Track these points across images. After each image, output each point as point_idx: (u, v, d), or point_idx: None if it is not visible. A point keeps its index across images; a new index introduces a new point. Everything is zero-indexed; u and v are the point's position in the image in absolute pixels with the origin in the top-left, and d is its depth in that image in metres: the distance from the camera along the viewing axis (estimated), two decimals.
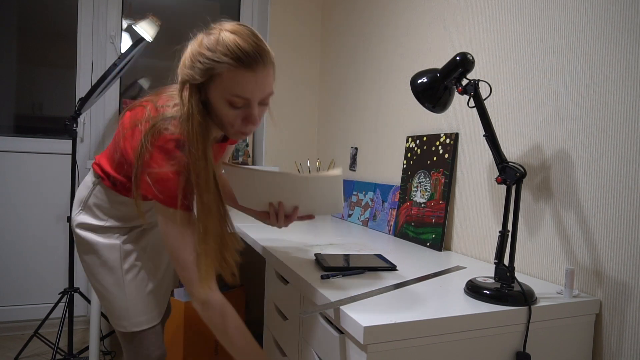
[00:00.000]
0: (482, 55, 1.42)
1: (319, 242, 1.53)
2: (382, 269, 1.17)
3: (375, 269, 1.16)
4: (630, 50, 0.98)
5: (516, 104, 1.29)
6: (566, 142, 1.13)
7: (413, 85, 1.15)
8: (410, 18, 1.83)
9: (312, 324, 1.04)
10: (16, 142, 2.37)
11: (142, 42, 2.08)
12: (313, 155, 2.80)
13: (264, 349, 1.47)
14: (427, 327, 0.82)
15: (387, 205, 1.86)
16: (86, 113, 2.45)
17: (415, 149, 1.71)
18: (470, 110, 1.47)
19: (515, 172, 0.98)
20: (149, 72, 2.67)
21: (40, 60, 2.49)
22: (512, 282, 0.97)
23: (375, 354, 0.79)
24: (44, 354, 2.18)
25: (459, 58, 1.06)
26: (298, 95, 2.76)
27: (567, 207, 1.12)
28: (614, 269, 1.00)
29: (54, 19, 2.51)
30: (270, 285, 1.40)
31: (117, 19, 2.50)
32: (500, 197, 1.33)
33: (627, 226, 0.98)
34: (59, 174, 2.45)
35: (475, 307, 0.90)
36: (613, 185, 1.01)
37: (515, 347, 0.92)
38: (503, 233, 0.98)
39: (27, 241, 2.41)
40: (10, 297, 2.39)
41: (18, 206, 2.38)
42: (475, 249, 1.42)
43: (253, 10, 2.77)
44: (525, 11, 1.26)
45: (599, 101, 1.05)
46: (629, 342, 0.97)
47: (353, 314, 0.82)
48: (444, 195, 1.51)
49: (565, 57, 1.14)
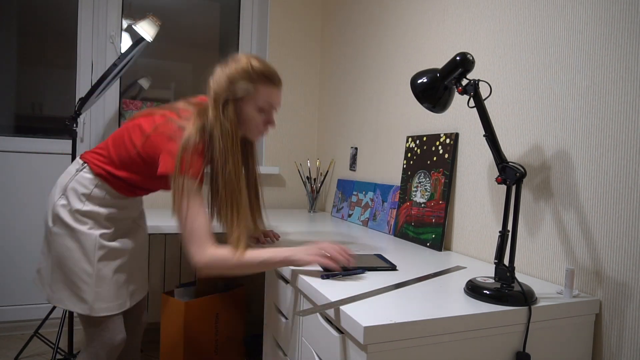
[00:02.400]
0: (482, 55, 1.42)
1: None
2: (382, 269, 1.17)
3: (375, 268, 1.16)
4: (630, 50, 0.98)
5: (516, 104, 1.29)
6: (566, 142, 1.13)
7: (413, 85, 1.15)
8: (410, 18, 1.83)
9: (312, 324, 1.04)
10: (16, 142, 2.37)
11: (142, 42, 2.08)
12: (313, 155, 2.80)
13: (264, 349, 1.47)
14: (427, 327, 0.82)
15: (387, 205, 1.86)
16: (86, 113, 2.45)
17: (415, 149, 1.71)
18: (470, 110, 1.47)
19: (515, 172, 0.98)
20: (149, 72, 2.67)
21: (40, 60, 2.49)
22: (512, 282, 0.97)
23: (375, 354, 0.79)
24: (44, 354, 2.18)
25: (459, 58, 1.06)
26: (298, 95, 2.76)
27: (567, 207, 1.12)
28: (614, 269, 1.00)
29: (54, 19, 2.51)
30: (270, 285, 1.40)
31: (117, 19, 2.50)
32: (500, 197, 1.33)
33: (627, 226, 0.98)
34: (59, 174, 2.45)
35: (475, 307, 0.90)
36: (613, 185, 1.01)
37: (515, 347, 0.92)
38: (503, 233, 0.98)
39: (28, 241, 2.41)
40: (10, 297, 2.39)
41: (18, 206, 2.38)
42: (475, 249, 1.42)
43: (253, 11, 2.77)
44: (525, 11, 1.26)
45: (599, 101, 1.05)
46: (629, 342, 0.97)
47: (353, 314, 0.82)
48: (444, 195, 1.51)
49: (565, 57, 1.14)
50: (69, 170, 1.30)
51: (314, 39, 2.78)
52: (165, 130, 1.18)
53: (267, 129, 1.28)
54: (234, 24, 2.78)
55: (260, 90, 1.20)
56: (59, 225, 1.24)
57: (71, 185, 1.25)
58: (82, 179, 1.26)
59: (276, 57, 2.69)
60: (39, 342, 2.25)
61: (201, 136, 1.16)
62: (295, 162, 2.76)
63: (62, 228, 1.23)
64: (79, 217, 1.23)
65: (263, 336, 1.49)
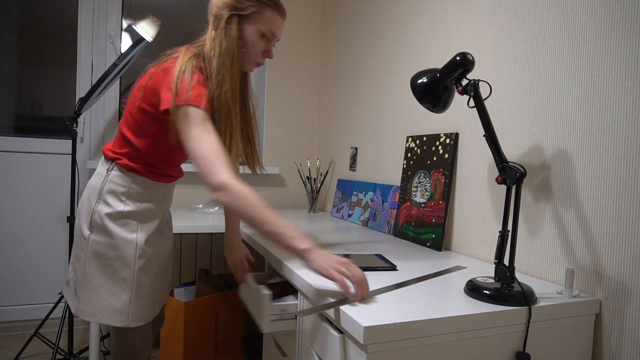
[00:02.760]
0: (482, 55, 1.42)
1: (319, 242, 1.53)
2: (382, 269, 1.17)
3: (375, 268, 1.16)
4: (630, 50, 0.98)
5: (516, 104, 1.29)
6: (566, 142, 1.13)
7: (413, 85, 1.15)
8: (410, 18, 1.83)
9: (312, 324, 1.04)
10: (16, 142, 2.37)
11: (142, 42, 2.08)
12: (313, 155, 2.80)
13: (264, 349, 1.47)
14: (427, 327, 0.82)
15: (387, 205, 1.86)
16: (86, 113, 2.45)
17: (415, 149, 1.71)
18: (470, 110, 1.47)
19: (515, 172, 0.98)
20: None
21: (40, 60, 2.49)
22: (512, 282, 0.97)
23: (375, 354, 0.79)
24: (44, 354, 2.18)
25: (459, 58, 1.06)
26: (298, 95, 2.76)
27: (567, 207, 1.12)
28: (614, 269, 1.00)
29: (54, 19, 2.51)
30: None
31: (117, 19, 2.50)
32: (500, 197, 1.33)
33: (627, 226, 0.98)
34: (59, 174, 2.45)
35: (475, 307, 0.90)
36: (613, 185, 1.01)
37: (515, 347, 0.92)
38: (503, 233, 0.98)
39: (27, 241, 2.41)
40: (10, 297, 2.39)
41: (18, 206, 2.38)
42: (475, 249, 1.42)
43: None
44: (525, 11, 1.26)
45: (599, 101, 1.05)
46: (629, 342, 0.97)
47: (353, 314, 0.82)
48: (444, 195, 1.51)
49: (565, 57, 1.14)
50: (98, 172, 1.23)
51: (314, 39, 2.78)
52: (159, 71, 1.13)
53: (264, 61, 1.23)
54: None
55: (266, 15, 1.16)
56: (98, 233, 1.17)
57: (107, 187, 1.19)
58: (115, 177, 1.19)
59: (276, 57, 2.68)
60: (39, 342, 2.25)
61: (197, 61, 1.12)
62: (295, 162, 2.76)
63: (102, 235, 1.17)
64: (123, 220, 1.18)
65: (263, 336, 1.49)
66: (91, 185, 1.22)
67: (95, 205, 1.19)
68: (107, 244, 1.17)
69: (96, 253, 1.17)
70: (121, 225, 1.18)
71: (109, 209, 1.18)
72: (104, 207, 1.18)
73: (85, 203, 1.21)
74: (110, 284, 1.17)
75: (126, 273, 1.17)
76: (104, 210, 1.18)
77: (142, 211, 1.22)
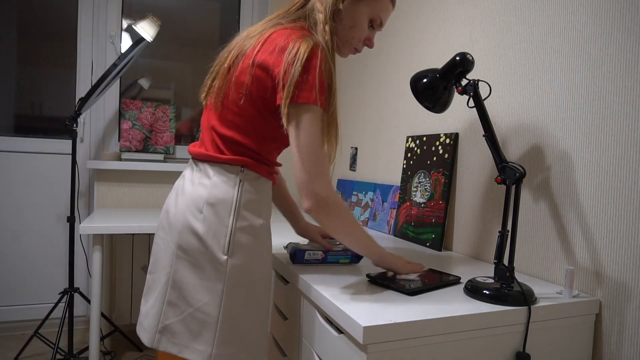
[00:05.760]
0: (482, 55, 1.42)
1: None
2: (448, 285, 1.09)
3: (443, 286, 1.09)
4: (630, 50, 0.98)
5: (516, 104, 1.29)
6: (566, 142, 1.13)
7: (413, 85, 1.15)
8: (410, 18, 1.83)
9: (312, 324, 1.04)
10: (16, 142, 2.37)
11: (142, 42, 2.08)
12: None
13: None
14: (427, 327, 0.82)
15: (387, 205, 1.86)
16: (86, 113, 2.45)
17: (415, 149, 1.71)
18: (470, 110, 1.47)
19: (515, 172, 0.98)
20: (149, 72, 2.67)
21: (40, 60, 2.49)
22: (511, 282, 0.97)
23: (375, 354, 0.79)
24: (44, 354, 2.18)
25: (459, 58, 1.06)
26: None
27: (567, 207, 1.12)
28: (614, 269, 1.00)
29: (54, 19, 2.51)
30: None
31: (117, 19, 2.50)
32: (500, 197, 1.33)
33: (627, 226, 0.98)
34: (59, 174, 2.45)
35: (475, 307, 0.90)
36: (613, 185, 1.01)
37: (515, 347, 0.92)
38: (503, 233, 0.98)
39: (27, 241, 2.41)
40: (10, 297, 2.39)
41: (18, 206, 2.38)
42: (475, 249, 1.42)
43: (253, 11, 2.77)
44: (525, 11, 1.26)
45: (599, 101, 1.05)
46: (628, 342, 0.97)
47: (353, 314, 0.83)
48: (443, 195, 1.51)
49: (565, 57, 1.14)
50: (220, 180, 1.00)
51: None
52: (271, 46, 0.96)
53: (361, 49, 1.12)
54: (233, 24, 2.78)
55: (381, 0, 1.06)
56: (240, 256, 0.98)
57: (244, 198, 1.00)
58: (249, 186, 1.01)
59: None
60: (39, 342, 2.25)
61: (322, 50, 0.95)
62: None
63: (244, 257, 0.98)
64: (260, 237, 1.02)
65: None
66: (219, 200, 0.99)
67: (235, 223, 0.98)
68: (248, 268, 0.99)
69: (237, 281, 0.98)
70: (260, 245, 1.02)
71: (246, 223, 1.00)
72: (243, 223, 0.99)
73: (213, 220, 0.98)
74: (251, 314, 1.00)
75: (265, 299, 1.03)
76: (244, 228, 0.99)
77: (267, 224, 1.06)
